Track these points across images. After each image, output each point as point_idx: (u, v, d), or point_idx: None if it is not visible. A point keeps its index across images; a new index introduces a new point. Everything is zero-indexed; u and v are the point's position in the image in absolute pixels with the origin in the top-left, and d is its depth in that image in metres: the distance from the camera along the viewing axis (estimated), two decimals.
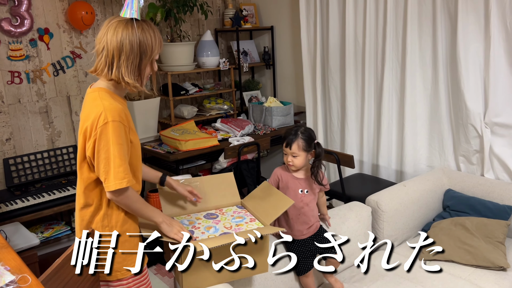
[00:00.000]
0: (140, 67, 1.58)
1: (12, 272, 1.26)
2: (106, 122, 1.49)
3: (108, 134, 1.49)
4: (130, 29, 1.53)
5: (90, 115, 1.53)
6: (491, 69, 2.71)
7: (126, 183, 1.51)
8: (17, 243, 2.62)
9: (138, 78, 1.59)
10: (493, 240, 2.41)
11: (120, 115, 1.52)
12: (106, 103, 1.53)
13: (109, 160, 1.49)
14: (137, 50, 1.54)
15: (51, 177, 3.32)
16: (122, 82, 1.57)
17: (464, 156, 2.96)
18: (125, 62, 1.54)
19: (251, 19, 4.38)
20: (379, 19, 3.25)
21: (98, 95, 1.57)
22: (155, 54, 1.60)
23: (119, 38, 1.53)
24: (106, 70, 1.57)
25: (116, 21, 1.56)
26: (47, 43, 3.35)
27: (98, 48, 1.58)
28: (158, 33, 1.61)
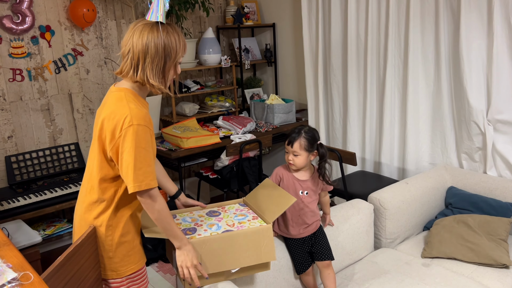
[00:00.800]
0: (164, 70, 1.59)
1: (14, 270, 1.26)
2: (131, 125, 1.51)
3: (132, 137, 1.51)
4: (156, 32, 1.55)
5: (114, 115, 1.54)
6: (494, 66, 2.70)
7: (144, 186, 1.53)
8: (19, 241, 2.62)
9: (162, 80, 1.61)
10: (496, 237, 2.40)
11: (145, 119, 1.55)
12: (132, 105, 1.55)
13: (130, 163, 1.51)
14: (162, 52, 1.56)
15: (53, 174, 3.32)
16: (147, 84, 1.59)
17: (467, 154, 2.95)
18: (150, 64, 1.56)
19: (252, 16, 4.37)
20: (381, 15, 3.24)
21: (124, 95, 1.58)
22: (179, 57, 1.62)
23: (144, 41, 1.54)
24: (132, 72, 1.59)
25: (142, 24, 1.57)
26: (48, 40, 3.35)
27: (124, 50, 1.59)
28: (182, 36, 1.63)
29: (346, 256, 2.41)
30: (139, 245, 1.74)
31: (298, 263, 2.12)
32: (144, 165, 1.52)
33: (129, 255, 1.69)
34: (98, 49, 3.62)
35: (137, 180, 1.51)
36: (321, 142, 2.08)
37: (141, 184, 1.52)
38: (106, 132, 1.55)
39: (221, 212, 1.96)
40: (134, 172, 1.51)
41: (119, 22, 3.70)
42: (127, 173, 1.52)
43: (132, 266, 1.71)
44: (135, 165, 1.51)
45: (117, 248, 1.66)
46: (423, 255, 2.46)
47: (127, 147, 1.51)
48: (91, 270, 1.55)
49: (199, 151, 3.45)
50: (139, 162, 1.51)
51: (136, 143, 1.51)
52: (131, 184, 1.52)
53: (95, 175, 1.64)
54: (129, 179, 1.52)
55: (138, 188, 1.52)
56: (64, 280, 1.37)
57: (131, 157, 1.50)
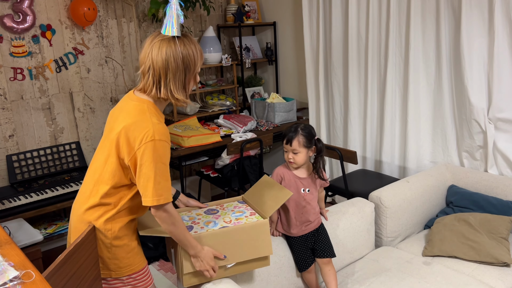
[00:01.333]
0: (185, 82, 1.60)
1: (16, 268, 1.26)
2: (153, 140, 1.52)
3: (152, 152, 1.52)
4: (173, 47, 1.55)
5: (136, 126, 1.55)
6: (495, 64, 2.69)
7: (163, 200, 1.55)
8: (21, 239, 2.63)
9: (184, 92, 1.62)
10: (497, 236, 2.40)
11: (166, 135, 1.56)
12: (155, 120, 1.56)
13: (150, 177, 1.52)
14: (181, 66, 1.56)
15: (54, 173, 3.33)
16: (172, 99, 1.60)
17: (468, 152, 2.95)
18: (172, 79, 1.57)
19: (253, 15, 4.36)
20: (382, 14, 3.23)
21: (147, 108, 1.59)
22: (198, 67, 1.62)
23: (164, 57, 1.54)
24: (155, 90, 1.59)
25: (159, 40, 1.56)
26: (49, 39, 3.35)
27: (144, 68, 1.59)
28: (198, 46, 1.63)
29: (347, 255, 2.41)
30: (137, 247, 1.74)
31: (300, 260, 2.12)
32: (163, 180, 1.54)
33: (128, 257, 1.69)
34: (99, 48, 3.62)
35: (156, 194, 1.53)
36: (318, 137, 2.09)
37: (160, 198, 1.54)
38: (125, 141, 1.55)
39: (219, 210, 1.97)
40: (154, 186, 1.52)
41: (119, 21, 3.70)
42: (146, 187, 1.53)
43: (132, 267, 1.71)
44: (155, 179, 1.52)
45: (116, 249, 1.66)
46: (424, 254, 2.46)
47: (147, 160, 1.52)
48: (92, 268, 1.55)
49: (200, 149, 3.45)
50: (159, 176, 1.53)
51: (156, 158, 1.52)
52: (150, 197, 1.53)
53: (105, 179, 1.63)
54: (148, 193, 1.53)
55: (157, 202, 1.54)
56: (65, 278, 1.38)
57: (151, 171, 1.52)
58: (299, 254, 2.12)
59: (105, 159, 1.62)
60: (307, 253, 2.12)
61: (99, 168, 1.65)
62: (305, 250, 2.12)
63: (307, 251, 2.12)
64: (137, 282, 1.74)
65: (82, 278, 1.47)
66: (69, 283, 1.39)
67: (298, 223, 2.09)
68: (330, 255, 2.12)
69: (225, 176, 3.53)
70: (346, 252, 2.40)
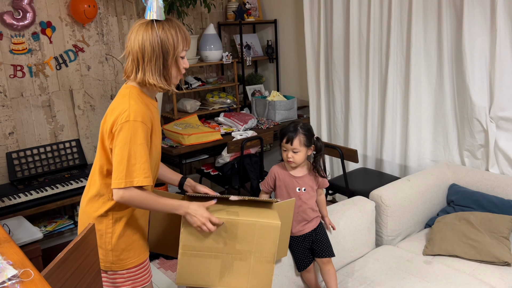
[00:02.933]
0: (165, 67, 1.58)
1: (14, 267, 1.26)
2: (127, 120, 1.51)
3: (127, 132, 1.50)
4: (150, 31, 1.54)
5: (115, 110, 1.55)
6: (497, 63, 2.68)
7: (136, 183, 1.51)
8: (20, 237, 2.62)
9: (164, 78, 1.59)
10: (498, 235, 2.39)
11: (143, 116, 1.54)
12: (133, 102, 1.55)
13: (122, 157, 1.50)
14: (158, 50, 1.54)
15: (54, 171, 3.32)
16: (148, 84, 1.58)
17: (469, 151, 2.94)
18: (148, 64, 1.55)
19: (254, 13, 4.35)
20: (384, 12, 3.22)
21: (128, 92, 1.59)
22: (179, 51, 1.59)
23: (140, 41, 1.54)
24: (134, 74, 1.59)
25: (138, 24, 1.57)
26: (49, 36, 3.34)
27: (126, 52, 1.60)
28: (183, 30, 1.59)
29: (347, 253, 2.40)
30: (140, 240, 1.73)
31: (299, 260, 2.11)
32: (138, 161, 1.51)
33: (129, 249, 1.69)
34: (99, 45, 3.61)
35: (129, 176, 1.50)
36: (317, 136, 2.08)
37: (133, 180, 1.50)
38: (106, 126, 1.56)
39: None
40: (127, 167, 1.49)
41: (120, 18, 3.69)
42: (118, 168, 1.50)
43: (132, 260, 1.70)
44: (129, 160, 1.49)
45: (116, 241, 1.66)
46: (424, 253, 2.45)
47: (121, 141, 1.50)
48: (92, 266, 1.54)
49: (200, 147, 3.44)
50: (133, 157, 1.50)
51: (132, 139, 1.50)
52: (122, 179, 1.50)
53: (99, 170, 1.64)
54: (119, 174, 1.50)
55: (130, 184, 1.50)
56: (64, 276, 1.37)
57: (125, 151, 1.49)
58: (297, 254, 2.11)
59: (99, 150, 1.63)
60: (306, 253, 2.11)
61: (96, 159, 1.66)
62: (304, 250, 2.11)
63: (305, 251, 2.11)
64: (137, 277, 1.73)
65: (82, 277, 1.46)
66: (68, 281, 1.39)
67: (295, 223, 2.08)
68: (329, 255, 2.11)
69: (226, 174, 3.52)
70: (347, 251, 2.40)
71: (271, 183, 2.11)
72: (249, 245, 1.71)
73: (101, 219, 1.65)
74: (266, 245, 1.72)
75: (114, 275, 1.70)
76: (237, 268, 1.73)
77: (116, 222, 1.66)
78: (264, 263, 1.74)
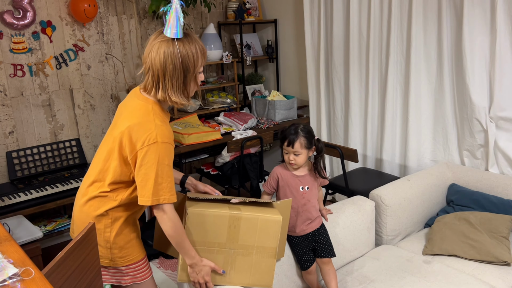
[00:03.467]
0: (185, 84, 1.60)
1: (15, 265, 1.26)
2: (155, 142, 1.53)
3: (155, 153, 1.53)
4: (172, 48, 1.54)
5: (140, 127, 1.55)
6: (496, 63, 2.68)
7: (162, 200, 1.56)
8: (20, 236, 2.62)
9: (183, 94, 1.61)
10: (497, 235, 2.39)
11: (169, 137, 1.57)
12: (158, 122, 1.57)
13: (150, 177, 1.54)
14: (180, 68, 1.55)
15: (54, 170, 3.32)
16: (169, 101, 1.60)
17: (469, 151, 2.94)
18: (170, 82, 1.56)
19: (254, 12, 4.35)
20: (384, 12, 3.22)
21: (151, 109, 1.59)
22: (198, 68, 1.61)
23: (162, 59, 1.54)
24: (154, 91, 1.60)
25: (159, 41, 1.56)
26: (49, 36, 3.34)
27: (145, 68, 1.61)
28: (200, 44, 1.60)
29: (347, 253, 2.41)
30: (137, 238, 1.77)
31: (302, 259, 2.11)
32: (165, 181, 1.55)
33: (127, 247, 1.72)
34: (99, 45, 3.61)
35: (155, 194, 1.54)
36: (318, 138, 2.09)
37: (159, 198, 1.55)
38: (128, 141, 1.57)
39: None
40: (154, 186, 1.54)
41: (120, 17, 3.69)
42: (145, 186, 1.54)
43: (131, 257, 1.74)
44: (156, 180, 1.53)
45: (114, 239, 1.69)
46: (424, 252, 2.45)
47: (149, 162, 1.53)
48: (92, 265, 1.54)
49: (200, 147, 3.44)
50: (160, 177, 1.54)
51: (159, 160, 1.53)
52: (149, 197, 1.54)
53: (106, 174, 1.65)
54: (146, 192, 1.55)
55: (156, 202, 1.55)
56: (65, 275, 1.37)
57: (152, 172, 1.53)
58: (300, 254, 2.11)
59: (108, 154, 1.64)
60: (308, 253, 2.11)
61: (101, 161, 1.67)
62: (306, 250, 2.11)
63: (308, 251, 2.11)
64: (136, 273, 1.77)
65: (82, 276, 1.47)
66: (69, 280, 1.39)
67: (299, 222, 2.09)
68: (331, 255, 2.12)
69: (225, 173, 3.52)
70: (346, 250, 2.40)
71: (273, 184, 2.12)
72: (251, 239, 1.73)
73: (100, 218, 1.68)
74: (268, 240, 1.74)
75: (112, 269, 1.75)
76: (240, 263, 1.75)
77: (115, 221, 1.69)
78: (266, 258, 1.75)
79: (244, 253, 1.74)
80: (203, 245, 1.71)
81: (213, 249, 1.73)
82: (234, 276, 1.76)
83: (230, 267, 1.75)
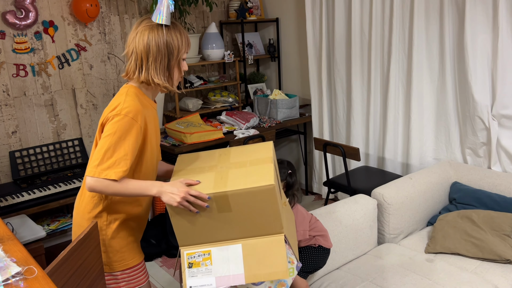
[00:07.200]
0: (169, 68, 1.61)
1: (18, 264, 1.26)
2: (118, 114, 1.51)
3: (113, 124, 1.50)
4: (156, 32, 1.57)
5: (109, 105, 1.58)
6: (499, 61, 2.68)
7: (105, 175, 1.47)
8: (24, 235, 2.63)
9: (167, 78, 1.62)
10: (500, 233, 2.39)
11: (135, 113, 1.53)
12: (128, 98, 1.56)
13: (102, 148, 1.49)
14: (164, 50, 1.57)
15: (57, 169, 3.33)
16: (152, 83, 1.60)
17: (471, 149, 2.94)
18: (153, 63, 1.58)
19: (256, 11, 4.35)
20: (386, 10, 3.22)
21: (126, 90, 1.60)
22: (182, 53, 1.63)
23: (146, 41, 1.56)
24: (137, 73, 1.60)
25: (144, 26, 1.59)
26: (52, 35, 3.35)
27: (128, 51, 1.62)
28: (185, 33, 1.64)
29: (349, 251, 2.41)
30: (134, 242, 1.73)
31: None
32: (116, 155, 1.48)
33: (123, 251, 1.68)
34: (102, 45, 3.61)
35: (98, 166, 1.47)
36: (291, 172, 1.91)
37: (103, 172, 1.47)
38: (100, 121, 1.58)
39: None
40: (102, 156, 1.47)
41: (122, 17, 3.70)
42: (94, 156, 1.49)
43: (127, 262, 1.70)
44: (106, 152, 1.47)
45: (110, 242, 1.66)
46: (426, 251, 2.45)
47: (105, 132, 1.50)
48: (95, 263, 1.55)
49: (202, 146, 3.45)
50: (112, 150, 1.48)
51: (117, 132, 1.49)
52: (92, 167, 1.47)
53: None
54: (94, 163, 1.48)
55: (98, 175, 1.47)
56: (68, 274, 1.38)
57: (107, 143, 1.48)
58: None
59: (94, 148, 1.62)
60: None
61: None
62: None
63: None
64: (131, 279, 1.72)
65: (85, 274, 1.47)
66: (72, 279, 1.39)
67: None
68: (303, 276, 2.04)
69: None
70: (349, 249, 2.40)
71: None
72: (244, 157, 1.64)
73: (94, 219, 1.65)
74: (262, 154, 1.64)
75: (108, 276, 1.70)
76: (233, 174, 1.56)
77: (110, 223, 1.66)
78: (262, 164, 1.58)
79: (238, 166, 1.58)
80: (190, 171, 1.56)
81: (201, 171, 1.58)
82: (229, 184, 1.51)
83: (223, 180, 1.53)
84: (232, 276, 1.55)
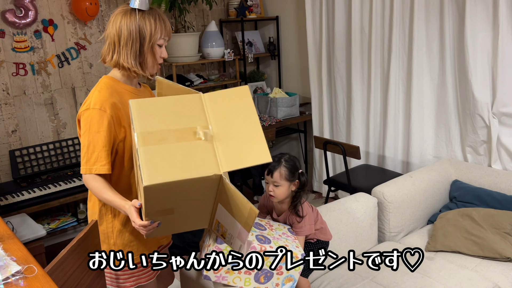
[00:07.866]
0: (141, 53, 1.61)
1: (18, 263, 1.26)
2: (87, 109, 1.56)
3: (85, 120, 1.56)
4: (129, 16, 1.58)
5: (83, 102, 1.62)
6: (499, 59, 2.67)
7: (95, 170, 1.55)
8: (24, 234, 2.63)
9: (140, 64, 1.62)
10: (500, 231, 2.39)
11: (102, 103, 1.55)
12: (97, 91, 1.59)
13: (83, 145, 1.56)
14: (135, 35, 1.58)
15: (57, 168, 3.33)
16: (122, 67, 1.62)
17: (471, 147, 2.94)
18: (124, 48, 1.59)
19: (256, 9, 4.34)
20: (386, 7, 3.21)
21: (99, 83, 1.63)
22: (156, 39, 1.62)
23: (118, 25, 1.59)
24: (110, 57, 1.63)
25: (119, 10, 1.62)
26: (51, 34, 3.34)
27: (104, 36, 1.65)
28: (162, 19, 1.63)
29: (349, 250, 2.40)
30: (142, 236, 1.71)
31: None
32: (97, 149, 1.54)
33: (131, 245, 1.69)
34: (101, 43, 3.61)
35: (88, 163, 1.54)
36: (302, 171, 1.92)
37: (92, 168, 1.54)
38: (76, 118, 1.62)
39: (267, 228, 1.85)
40: (85, 154, 1.55)
41: None
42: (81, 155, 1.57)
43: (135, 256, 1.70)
44: (88, 148, 1.54)
45: (118, 235, 1.67)
46: (427, 249, 2.45)
47: (82, 129, 1.57)
48: None
49: None
50: (92, 145, 1.54)
51: (90, 126, 1.54)
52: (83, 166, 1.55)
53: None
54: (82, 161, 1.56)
55: (89, 171, 1.54)
56: (68, 273, 1.38)
57: (85, 139, 1.55)
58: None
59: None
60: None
61: None
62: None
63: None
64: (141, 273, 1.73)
65: (85, 273, 1.47)
66: (72, 278, 1.39)
67: None
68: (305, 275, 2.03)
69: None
70: (349, 247, 2.40)
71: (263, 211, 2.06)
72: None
73: (101, 214, 1.67)
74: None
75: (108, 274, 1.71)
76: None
77: (115, 216, 1.66)
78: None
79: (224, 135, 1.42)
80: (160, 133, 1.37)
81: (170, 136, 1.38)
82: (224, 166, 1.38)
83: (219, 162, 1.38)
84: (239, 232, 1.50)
